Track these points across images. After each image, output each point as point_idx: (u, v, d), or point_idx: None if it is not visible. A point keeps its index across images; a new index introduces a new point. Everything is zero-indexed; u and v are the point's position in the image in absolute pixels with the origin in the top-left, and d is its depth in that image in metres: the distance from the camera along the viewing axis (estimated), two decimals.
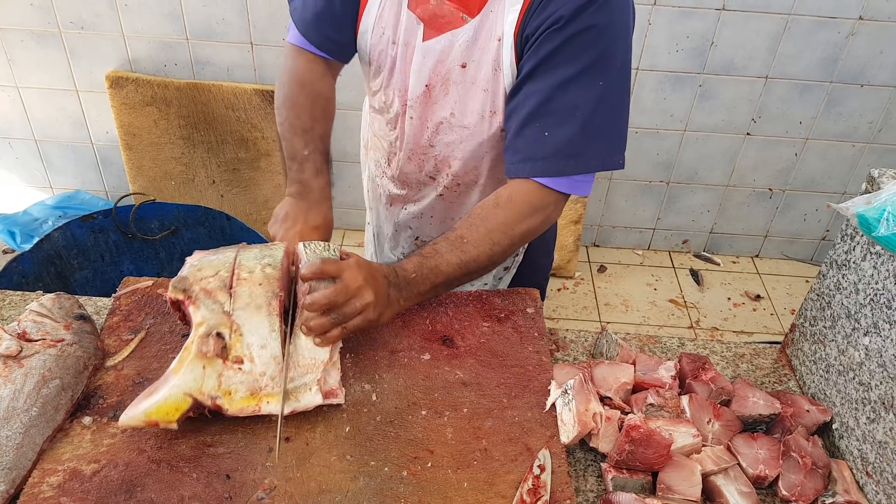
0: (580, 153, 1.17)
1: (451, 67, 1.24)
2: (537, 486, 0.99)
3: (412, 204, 1.52)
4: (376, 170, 1.57)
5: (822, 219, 3.20)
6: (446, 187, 1.43)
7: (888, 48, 2.67)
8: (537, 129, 1.17)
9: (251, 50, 2.75)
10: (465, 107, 1.28)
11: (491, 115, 1.27)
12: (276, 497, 0.97)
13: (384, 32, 1.28)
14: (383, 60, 1.31)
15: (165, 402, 0.99)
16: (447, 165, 1.39)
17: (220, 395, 1.02)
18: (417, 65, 1.26)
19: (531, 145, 1.18)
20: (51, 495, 0.95)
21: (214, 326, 1.05)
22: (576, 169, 1.18)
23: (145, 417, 0.99)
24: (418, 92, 1.29)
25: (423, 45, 1.24)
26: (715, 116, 2.89)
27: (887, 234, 1.02)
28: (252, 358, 1.04)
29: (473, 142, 1.32)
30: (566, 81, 1.13)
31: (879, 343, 1.08)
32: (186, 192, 3.05)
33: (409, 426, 1.08)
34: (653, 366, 1.20)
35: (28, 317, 1.13)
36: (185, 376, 1.01)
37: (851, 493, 1.07)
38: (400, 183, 1.49)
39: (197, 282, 1.09)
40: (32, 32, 2.71)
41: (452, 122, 1.31)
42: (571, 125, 1.15)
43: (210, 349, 1.02)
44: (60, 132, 3.00)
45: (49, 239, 2.06)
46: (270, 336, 1.06)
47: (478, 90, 1.25)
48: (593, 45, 1.12)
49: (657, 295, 3.11)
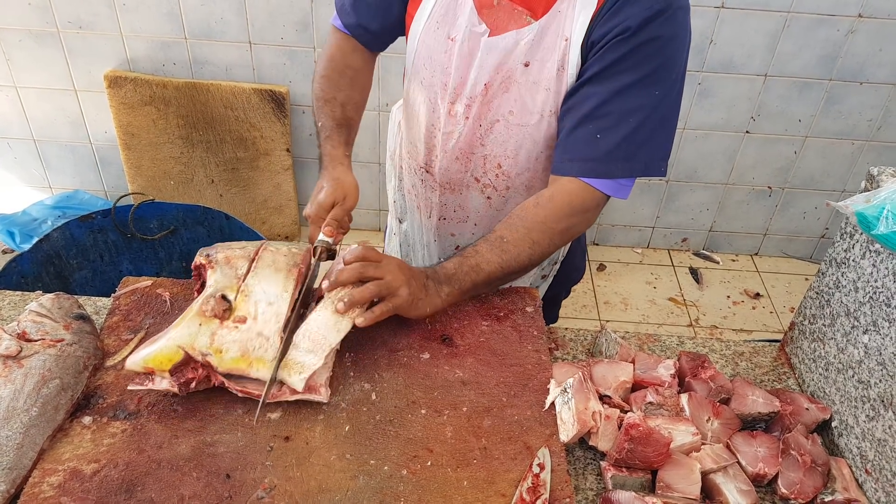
0: (628, 157, 1.19)
1: (515, 66, 1.24)
2: (537, 485, 0.99)
3: (455, 210, 1.50)
4: (413, 177, 1.54)
5: (821, 217, 3.20)
6: (494, 188, 1.41)
7: (887, 46, 2.67)
8: (590, 131, 1.19)
9: (250, 49, 2.75)
10: (524, 106, 1.28)
11: (551, 114, 1.27)
12: (276, 496, 0.97)
13: (439, 27, 1.28)
14: (436, 55, 1.31)
15: (160, 353, 1.04)
16: (497, 165, 1.38)
17: (210, 353, 1.05)
18: (480, 61, 1.26)
19: (582, 146, 1.20)
20: (51, 495, 0.95)
21: (221, 289, 1.09)
22: (622, 172, 1.20)
23: (143, 363, 1.04)
24: (478, 90, 1.29)
25: (487, 42, 1.24)
26: (714, 114, 2.89)
27: (886, 232, 1.02)
28: (256, 315, 1.07)
29: (529, 140, 1.32)
30: (625, 88, 1.16)
31: (879, 341, 1.08)
32: (185, 192, 3.05)
33: (408, 425, 1.08)
34: (652, 364, 1.20)
35: (27, 317, 1.13)
36: (181, 331, 1.05)
37: (851, 490, 1.07)
38: (442, 186, 1.46)
39: (222, 250, 1.15)
40: (31, 32, 2.71)
41: (510, 121, 1.30)
42: (623, 130, 1.17)
43: (209, 308, 1.06)
44: (59, 132, 3.00)
45: (48, 239, 2.06)
46: (281, 296, 1.10)
47: (540, 89, 1.25)
48: (656, 56, 1.15)
49: (656, 293, 3.11)
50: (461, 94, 1.31)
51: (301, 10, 2.64)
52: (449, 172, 1.43)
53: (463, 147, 1.38)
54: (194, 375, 1.05)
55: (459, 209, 1.49)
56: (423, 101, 1.39)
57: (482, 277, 1.20)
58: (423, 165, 1.47)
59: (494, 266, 1.20)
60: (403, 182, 1.60)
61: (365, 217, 3.26)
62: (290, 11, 2.65)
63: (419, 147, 1.46)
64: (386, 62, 2.72)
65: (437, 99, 1.35)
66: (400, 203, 1.66)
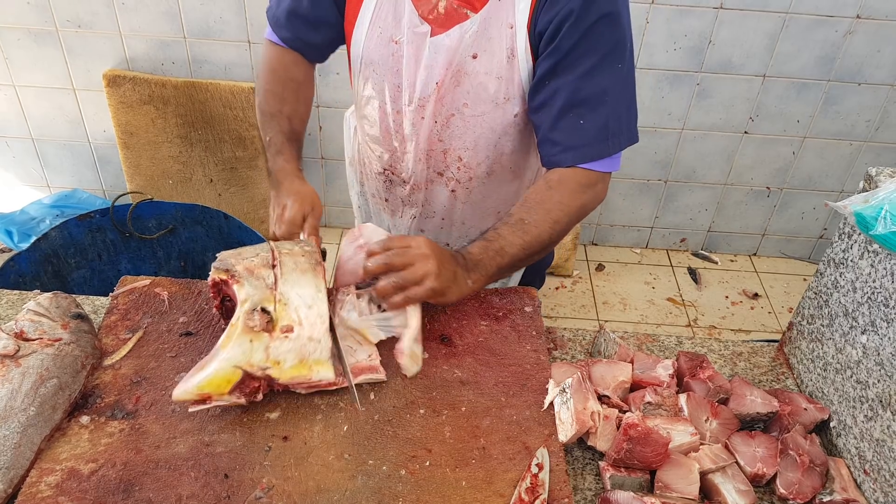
0: (615, 133, 1.24)
1: (463, 59, 1.25)
2: (535, 485, 0.99)
3: (423, 206, 1.51)
4: (375, 181, 1.54)
5: (819, 217, 3.20)
6: (458, 181, 1.43)
7: (886, 47, 2.68)
8: (572, 119, 1.22)
9: (249, 48, 2.75)
10: (478, 97, 1.29)
11: (505, 101, 1.29)
12: (274, 496, 0.97)
13: (382, 32, 1.29)
14: (382, 60, 1.31)
15: (216, 376, 1.02)
16: (458, 158, 1.39)
17: (269, 366, 1.04)
18: (428, 61, 1.27)
19: (569, 135, 1.23)
20: (49, 495, 0.95)
21: (259, 302, 1.07)
22: (611, 149, 1.25)
23: (198, 391, 1.02)
24: (429, 90, 1.29)
25: (433, 42, 1.25)
26: (713, 115, 2.89)
27: (885, 232, 1.02)
28: (300, 321, 1.07)
29: (486, 129, 1.33)
30: (591, 70, 1.19)
31: (877, 341, 1.08)
32: (184, 191, 3.05)
33: (407, 425, 1.08)
34: (651, 364, 1.20)
35: (25, 316, 1.13)
36: (232, 350, 1.03)
37: (849, 490, 1.07)
38: (411, 186, 1.48)
39: (239, 262, 1.12)
40: (29, 31, 2.71)
41: (465, 113, 1.31)
42: (603, 110, 1.21)
43: (256, 323, 1.05)
44: (57, 131, 2.99)
45: (46, 238, 2.05)
46: (317, 296, 1.10)
47: (491, 79, 1.26)
48: (609, 33, 1.18)
49: (655, 293, 3.11)
50: (413, 96, 1.32)
51: None
52: (414, 172, 1.44)
53: (423, 146, 1.38)
54: (258, 384, 1.05)
55: (427, 205, 1.50)
56: (376, 107, 1.39)
57: (507, 261, 1.21)
58: (388, 168, 1.48)
59: (517, 248, 1.21)
60: (365, 187, 1.60)
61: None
62: None
63: (379, 151, 1.46)
64: None
65: (390, 103, 1.36)
66: (364, 208, 1.66)
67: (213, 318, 1.22)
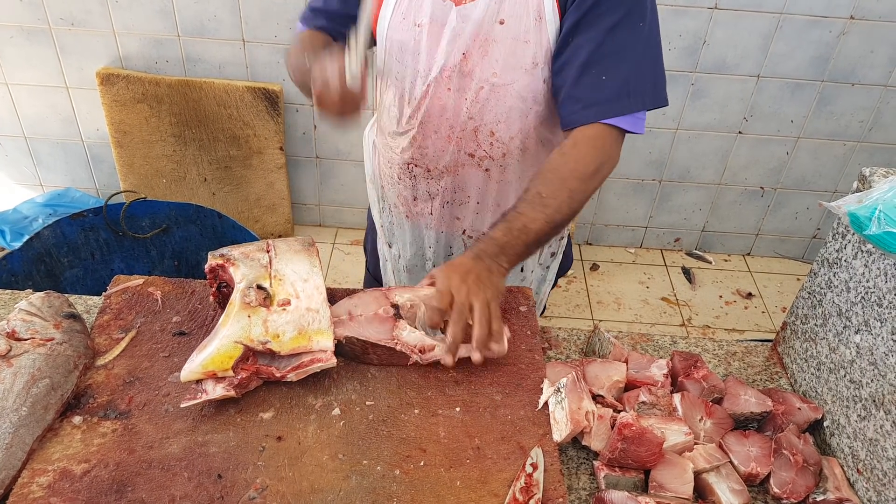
0: (637, 91, 1.24)
1: (490, 26, 1.25)
2: (530, 485, 0.99)
3: (456, 193, 1.48)
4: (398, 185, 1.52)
5: (813, 217, 3.21)
6: (491, 158, 1.41)
7: (879, 47, 2.69)
8: (594, 75, 1.22)
9: (243, 47, 2.74)
10: (507, 63, 1.28)
11: (534, 66, 1.28)
12: (268, 496, 0.97)
13: (405, 17, 1.29)
14: (406, 45, 1.31)
15: (218, 353, 1.04)
16: (489, 133, 1.37)
17: (269, 340, 1.06)
18: (454, 32, 1.26)
19: (591, 91, 1.23)
20: (41, 495, 0.94)
21: (254, 279, 1.11)
22: (636, 106, 1.24)
23: (202, 369, 1.04)
24: (455, 59, 1.28)
25: (458, 11, 1.25)
26: (707, 115, 2.90)
27: (878, 232, 1.02)
28: (297, 294, 1.10)
29: (517, 99, 1.32)
30: (613, 27, 1.20)
31: (870, 341, 1.08)
32: (178, 190, 3.04)
33: (401, 425, 1.08)
34: (645, 364, 1.20)
35: (17, 315, 1.12)
36: (232, 327, 1.06)
37: (842, 490, 1.07)
38: (440, 173, 1.45)
39: (234, 248, 1.17)
40: (22, 28, 2.69)
41: (495, 83, 1.30)
42: (626, 66, 1.22)
43: (252, 299, 1.08)
44: (50, 129, 2.98)
45: (39, 237, 2.04)
46: (312, 270, 1.14)
47: (520, 43, 1.26)
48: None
49: (649, 293, 3.11)
50: (434, 69, 1.30)
51: (295, 8, 2.64)
52: (443, 157, 1.42)
53: (452, 124, 1.37)
54: (249, 371, 1.06)
55: (460, 191, 1.48)
56: (395, 95, 1.38)
57: (532, 238, 1.21)
58: (411, 161, 1.46)
59: (540, 223, 1.21)
60: (388, 201, 1.59)
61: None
62: (284, 9, 2.65)
63: (401, 145, 1.45)
64: None
65: (410, 86, 1.35)
66: (387, 226, 1.64)
67: (207, 318, 1.22)
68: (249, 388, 1.09)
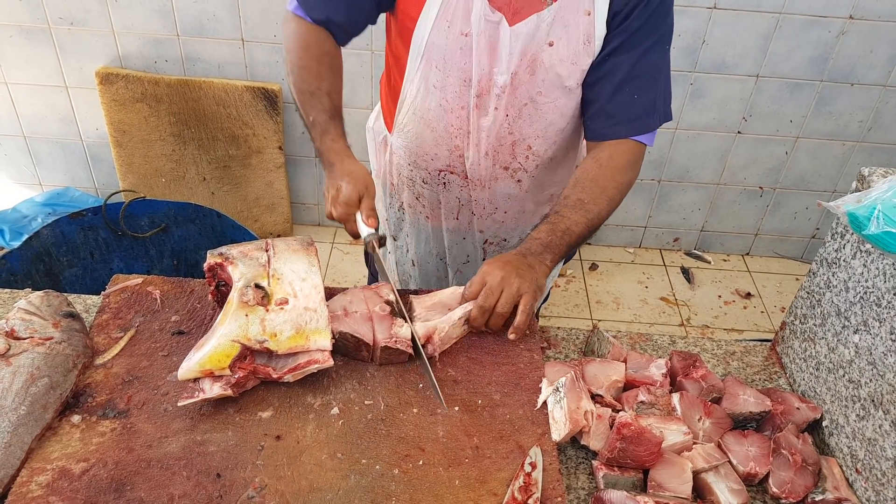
0: (660, 109, 1.35)
1: (540, 48, 1.28)
2: (528, 484, 0.99)
3: (484, 205, 1.52)
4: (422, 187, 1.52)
5: (812, 217, 3.21)
6: (525, 170, 1.46)
7: (878, 47, 2.69)
8: (628, 94, 1.31)
9: (242, 47, 2.74)
10: (552, 83, 1.32)
11: (577, 86, 1.34)
12: (267, 496, 0.97)
13: (450, 25, 1.27)
14: (451, 54, 1.30)
15: (216, 351, 1.04)
16: (527, 147, 1.42)
17: (266, 339, 1.06)
18: (506, 51, 1.28)
19: (624, 109, 1.32)
20: (39, 494, 0.94)
21: (252, 278, 1.11)
22: (657, 123, 1.35)
23: (200, 368, 1.04)
24: (505, 79, 1.31)
25: (510, 31, 1.26)
26: (706, 115, 2.89)
27: (877, 232, 1.02)
28: (295, 293, 1.10)
29: (557, 115, 1.37)
30: (648, 50, 1.29)
31: (869, 341, 1.08)
32: (177, 190, 3.03)
33: (400, 424, 1.08)
34: (644, 364, 1.20)
35: (16, 315, 1.12)
36: (229, 326, 1.06)
37: (841, 489, 1.07)
38: (472, 183, 1.47)
39: (233, 247, 1.17)
40: (21, 28, 2.69)
41: (538, 101, 1.35)
42: (654, 87, 1.32)
43: (250, 298, 1.08)
44: (50, 129, 2.98)
45: (38, 236, 2.04)
46: (310, 270, 1.14)
47: (566, 64, 1.30)
48: (665, 16, 1.30)
49: (648, 293, 3.11)
50: (488, 89, 1.33)
51: None
52: (479, 169, 1.45)
53: (493, 140, 1.40)
54: (246, 370, 1.06)
55: (488, 203, 1.52)
56: (436, 105, 1.37)
57: (574, 239, 1.27)
58: (446, 168, 1.47)
59: (582, 227, 1.28)
60: (403, 196, 1.58)
61: None
62: (283, 9, 2.64)
63: (439, 152, 1.44)
64: None
65: (456, 99, 1.35)
66: (394, 220, 1.64)
67: (206, 317, 1.22)
68: (247, 388, 1.09)
